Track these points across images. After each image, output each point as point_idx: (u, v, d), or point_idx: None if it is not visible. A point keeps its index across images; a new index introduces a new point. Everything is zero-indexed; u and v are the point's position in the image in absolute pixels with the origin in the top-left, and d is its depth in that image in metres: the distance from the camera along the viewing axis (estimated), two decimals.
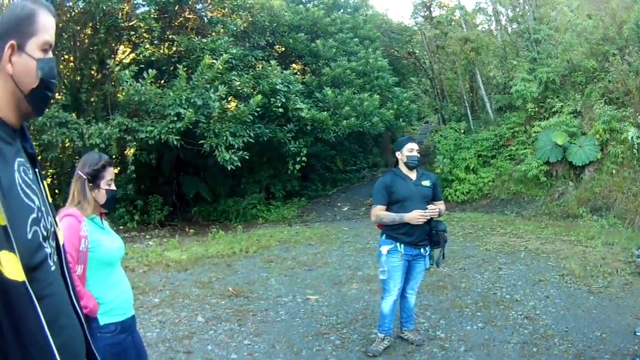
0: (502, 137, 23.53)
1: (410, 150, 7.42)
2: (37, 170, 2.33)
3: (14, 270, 1.91)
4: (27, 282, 1.96)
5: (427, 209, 7.23)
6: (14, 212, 1.99)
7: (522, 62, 25.71)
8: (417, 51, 38.67)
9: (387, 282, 7.41)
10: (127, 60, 21.84)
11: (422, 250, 7.40)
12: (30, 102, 2.23)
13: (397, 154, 7.61)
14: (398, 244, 7.29)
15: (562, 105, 20.91)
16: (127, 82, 17.19)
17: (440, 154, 23.84)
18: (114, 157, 18.90)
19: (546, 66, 22.40)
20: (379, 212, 7.35)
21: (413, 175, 7.52)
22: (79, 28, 20.30)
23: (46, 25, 2.24)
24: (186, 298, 10.32)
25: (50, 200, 2.41)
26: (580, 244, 13.69)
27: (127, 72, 17.38)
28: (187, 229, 20.57)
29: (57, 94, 19.16)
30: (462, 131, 25.82)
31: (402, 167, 7.55)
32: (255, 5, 22.70)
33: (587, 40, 20.95)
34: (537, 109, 22.11)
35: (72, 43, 20.36)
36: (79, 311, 2.44)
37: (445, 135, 25.51)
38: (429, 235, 7.39)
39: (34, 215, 2.12)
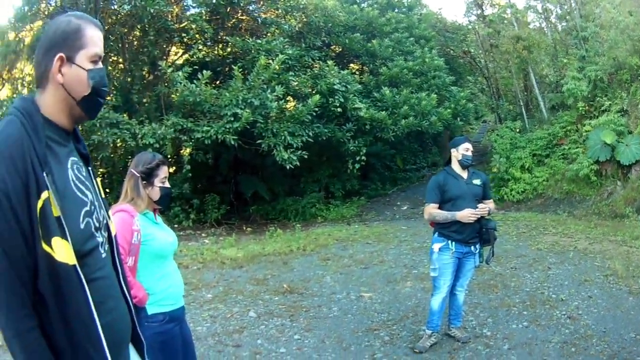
0: (556, 136, 23.32)
1: (465, 149, 7.48)
2: (90, 168, 2.64)
3: (66, 254, 2.22)
4: (77, 266, 2.26)
5: (477, 207, 7.26)
6: (67, 205, 2.31)
7: (571, 60, 25.45)
8: (472, 50, 38.47)
9: (437, 279, 7.46)
10: (179, 62, 22.10)
11: (472, 248, 7.44)
12: (82, 107, 2.50)
13: (453, 151, 7.63)
14: (449, 241, 7.33)
15: (610, 104, 20.63)
16: (180, 83, 17.46)
17: (497, 153, 23.69)
18: (169, 156, 19.14)
19: (594, 64, 22.06)
20: (432, 210, 7.41)
21: (465, 174, 7.56)
22: (126, 30, 20.59)
23: (94, 38, 2.50)
24: (239, 294, 10.42)
25: (103, 195, 2.73)
26: (625, 244, 13.57)
27: (180, 73, 17.64)
28: (244, 228, 20.75)
29: (107, 96, 19.65)
30: (518, 130, 25.65)
31: (455, 166, 7.60)
32: (309, 6, 22.87)
33: (630, 38, 20.57)
34: (587, 107, 21.82)
35: (120, 45, 20.77)
36: (128, 297, 2.71)
37: (502, 134, 25.39)
38: (479, 233, 7.42)
39: (87, 208, 2.43)
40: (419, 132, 24.58)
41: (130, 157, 20.05)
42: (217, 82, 21.19)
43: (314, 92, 20.37)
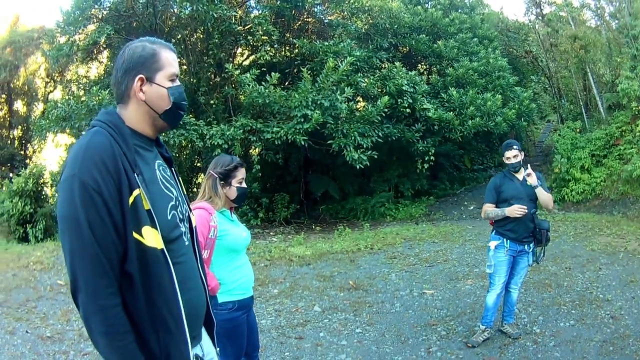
0: (613, 136, 22.92)
1: (507, 158, 7.74)
2: (173, 169, 3.10)
3: (155, 240, 2.63)
4: (165, 250, 2.67)
5: (533, 207, 7.57)
6: (156, 200, 2.74)
7: (624, 59, 25.18)
8: (534, 49, 38.11)
9: (492, 276, 7.75)
10: (246, 64, 22.46)
11: (526, 247, 7.68)
12: (164, 119, 2.93)
13: (503, 158, 7.92)
14: (505, 239, 7.62)
15: None
16: (249, 85, 17.82)
17: (558, 153, 23.43)
18: (238, 156, 19.57)
19: None
20: (487, 208, 7.79)
21: (520, 175, 7.79)
22: (187, 33, 21.01)
23: (169, 60, 2.92)
24: (305, 290, 10.81)
25: (185, 192, 3.17)
26: None
27: (248, 75, 18.03)
28: (313, 227, 21.16)
29: None
30: (578, 130, 25.27)
31: None
32: (374, 8, 23.07)
33: None
34: None
35: (182, 47, 21.23)
36: (204, 280, 3.11)
37: (563, 134, 25.03)
38: (533, 233, 7.67)
39: (173, 202, 2.89)
40: (485, 132, 24.47)
41: (197, 157, 20.60)
42: (286, 84, 21.54)
43: (382, 93, 20.60)
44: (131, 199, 2.58)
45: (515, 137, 31.04)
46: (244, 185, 5.12)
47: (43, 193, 23.42)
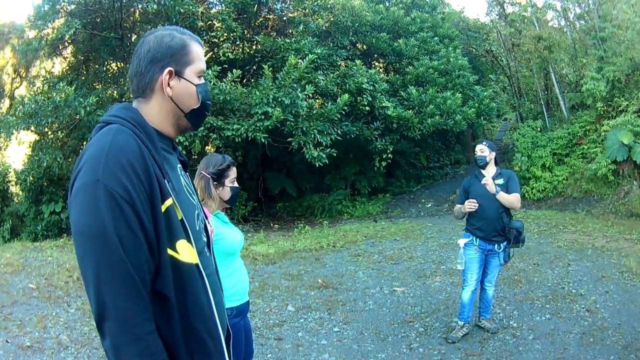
0: (575, 135, 23.34)
1: (480, 150, 7.95)
2: (187, 173, 2.80)
3: (190, 255, 2.39)
4: (200, 264, 2.44)
5: (502, 206, 7.71)
6: (185, 208, 2.47)
7: (590, 60, 25.49)
8: (494, 49, 38.44)
9: (465, 273, 7.92)
10: (207, 60, 22.32)
11: (495, 246, 7.80)
12: (189, 119, 2.64)
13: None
14: (474, 237, 7.81)
15: (627, 104, 20.69)
16: (210, 81, 17.66)
17: (519, 152, 23.72)
18: (195, 154, 19.42)
19: (612, 64, 22.06)
20: (455, 208, 8.23)
21: (489, 174, 7.93)
22: (150, 28, 20.85)
23: (199, 54, 2.64)
24: (276, 289, 10.76)
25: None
26: None
27: (210, 72, 17.84)
28: (271, 224, 21.15)
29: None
30: (539, 129, 25.60)
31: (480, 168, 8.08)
32: (336, 5, 23.05)
33: None
34: (605, 107, 21.89)
35: None
36: (222, 290, 2.91)
37: (523, 133, 25.31)
38: (504, 232, 7.77)
39: (197, 211, 2.66)
40: (442, 130, 24.53)
41: None
42: (245, 81, 21.43)
43: (342, 91, 20.60)
44: (164, 209, 2.31)
45: (473, 135, 31.27)
46: (236, 184, 4.98)
47: (9, 192, 23.10)
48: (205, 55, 22.71)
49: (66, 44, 21.90)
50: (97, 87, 20.61)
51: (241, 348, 4.86)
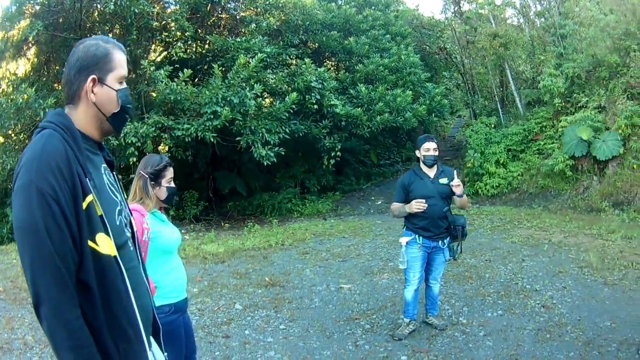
0: (531, 131, 23.58)
1: (426, 149, 7.67)
2: (114, 173, 3.03)
3: (109, 247, 2.60)
4: (118, 256, 2.65)
5: (446, 205, 7.63)
6: (106, 205, 2.70)
7: (549, 57, 25.75)
8: (448, 46, 38.62)
9: (407, 272, 7.83)
10: (159, 60, 22.24)
11: (440, 243, 7.72)
12: (111, 122, 2.88)
13: (417, 152, 7.92)
14: (417, 236, 7.67)
15: (587, 101, 20.94)
16: (162, 81, 17.64)
17: (472, 148, 23.89)
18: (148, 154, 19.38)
19: (572, 61, 22.33)
20: (393, 207, 7.93)
21: (432, 172, 7.78)
22: (107, 28, 20.74)
23: (121, 61, 2.86)
24: (224, 288, 10.80)
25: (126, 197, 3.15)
26: (601, 237, 13.92)
27: (161, 71, 17.81)
28: (222, 223, 21.12)
29: None
30: (493, 126, 25.81)
31: (422, 165, 7.83)
32: (288, 4, 23.05)
33: (610, 36, 20.85)
34: (563, 103, 22.10)
35: None
36: (148, 285, 3.09)
37: (476, 129, 25.55)
38: (448, 229, 7.71)
39: (119, 207, 2.88)
40: (393, 127, 24.63)
41: (112, 154, 20.28)
42: (197, 80, 21.35)
43: (291, 89, 20.62)
44: (85, 205, 2.53)
45: (425, 132, 31.47)
46: (172, 184, 5.10)
47: None
48: (160, 55, 22.78)
49: (30, 45, 21.72)
50: (57, 88, 20.46)
51: (181, 344, 4.99)
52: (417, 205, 7.34)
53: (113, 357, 2.59)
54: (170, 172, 5.06)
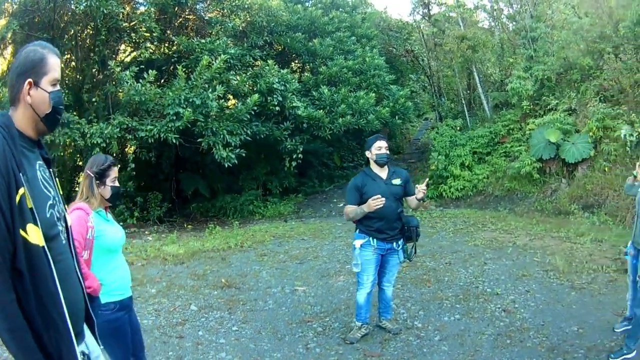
0: (498, 134, 23.76)
1: (378, 148, 7.63)
2: (51, 170, 3.19)
3: (37, 238, 2.77)
4: (46, 247, 2.80)
5: (399, 206, 7.64)
6: (37, 198, 2.86)
7: (518, 59, 25.95)
8: (416, 49, 38.75)
9: (360, 275, 7.75)
10: (127, 61, 22.18)
11: (394, 244, 7.68)
12: (45, 122, 3.06)
13: (367, 153, 7.86)
14: (371, 238, 7.59)
15: (557, 103, 21.13)
16: (127, 82, 17.64)
17: (436, 150, 24.03)
18: (114, 155, 19.33)
19: (542, 64, 22.59)
20: (348, 209, 7.74)
21: (384, 173, 7.74)
22: (79, 28, 20.69)
23: (54, 65, 3.04)
24: (181, 289, 10.87)
25: (61, 192, 3.28)
26: (569, 240, 13.91)
27: (127, 72, 17.82)
28: (185, 225, 21.16)
29: None
30: (458, 128, 26.01)
31: (373, 166, 7.79)
32: (254, 6, 23.03)
33: (583, 38, 21.03)
34: (532, 106, 22.34)
35: (73, 43, 20.75)
36: (81, 279, 3.24)
37: (441, 132, 25.71)
38: (402, 230, 7.71)
39: (51, 201, 3.00)
40: (357, 130, 24.69)
41: (79, 156, 20.27)
42: (162, 81, 21.38)
43: (253, 91, 20.65)
44: (17, 198, 2.72)
45: (389, 134, 31.55)
46: (117, 184, 5.22)
47: None
48: (128, 56, 22.71)
49: (7, 44, 21.63)
50: None
51: (127, 341, 5.13)
52: (375, 203, 7.20)
53: (45, 343, 2.76)
54: (114, 172, 5.17)
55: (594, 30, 20.91)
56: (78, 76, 21.31)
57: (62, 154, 19.37)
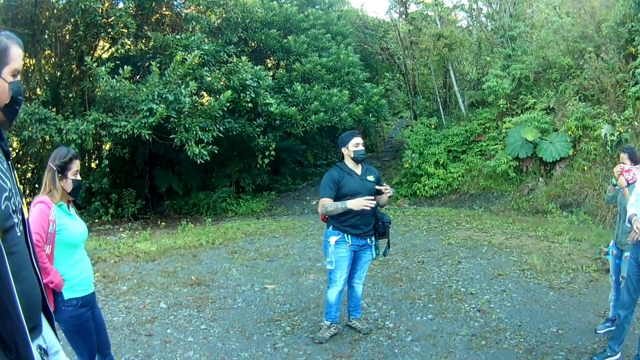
0: (473, 132, 23.93)
1: (355, 145, 7.54)
2: (9, 162, 3.04)
3: None
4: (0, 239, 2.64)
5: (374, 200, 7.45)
6: None
7: (496, 58, 26.08)
8: (391, 47, 38.79)
9: (334, 272, 7.61)
10: (105, 57, 22.11)
11: (368, 240, 7.62)
12: (4, 113, 2.94)
13: (343, 149, 7.70)
14: (345, 235, 7.46)
15: (534, 102, 21.33)
16: (103, 78, 17.60)
17: (410, 148, 24.11)
18: (90, 151, 19.27)
19: (520, 63, 22.79)
20: (325, 202, 7.47)
21: (358, 170, 7.64)
22: (59, 24, 20.62)
23: (16, 56, 2.95)
24: (151, 286, 10.84)
25: (20, 185, 3.15)
26: (547, 239, 13.98)
27: (103, 68, 17.76)
28: (159, 222, 21.16)
29: (38, 90, 19.67)
30: (433, 126, 26.06)
31: (349, 162, 7.67)
32: (230, 2, 23.04)
33: (564, 38, 21.19)
34: (509, 105, 22.53)
35: (53, 39, 20.68)
36: (38, 271, 3.14)
37: (416, 130, 25.78)
38: (375, 227, 7.67)
39: (7, 194, 2.83)
40: (330, 127, 24.94)
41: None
42: (137, 77, 21.32)
43: (226, 87, 20.72)
44: None
45: (363, 132, 31.59)
46: (78, 177, 5.18)
47: None
48: (106, 52, 22.61)
49: None
50: None
51: (91, 338, 5.13)
52: (366, 203, 7.11)
53: (2, 333, 2.71)
54: (76, 165, 5.14)
55: (575, 29, 21.09)
56: (57, 72, 21.22)
57: (39, 150, 19.28)
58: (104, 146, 21.18)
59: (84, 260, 5.22)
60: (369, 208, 7.19)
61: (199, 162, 19.10)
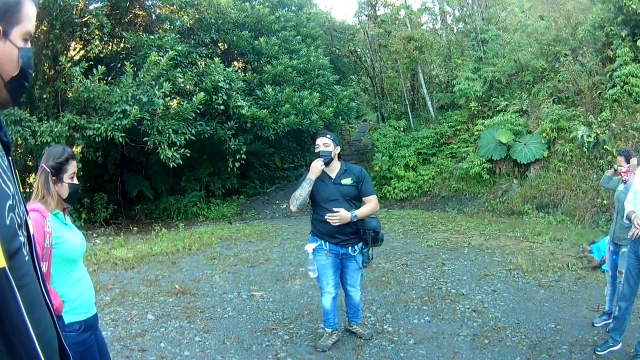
0: (444, 135, 24.06)
1: (316, 146, 7.31)
2: (10, 159, 2.17)
3: None
4: (7, 269, 1.86)
5: (353, 206, 7.17)
6: None
7: (466, 61, 26.14)
8: (359, 49, 38.87)
9: (319, 279, 7.42)
10: (78, 57, 21.82)
11: (350, 249, 7.29)
12: (10, 89, 2.11)
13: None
14: (323, 242, 7.25)
15: (507, 104, 21.47)
16: (77, 78, 17.29)
17: (379, 151, 24.17)
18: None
19: (492, 65, 22.92)
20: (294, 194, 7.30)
21: (333, 172, 7.32)
22: (37, 23, 20.23)
23: (29, 14, 2.12)
24: (135, 296, 10.53)
25: (21, 189, 2.23)
26: (527, 239, 14.15)
27: (77, 68, 17.45)
28: (131, 227, 20.88)
29: None
30: (402, 129, 26.17)
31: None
32: (203, 2, 22.97)
33: (538, 41, 21.46)
34: (480, 107, 22.67)
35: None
36: (50, 304, 2.24)
37: (385, 133, 25.85)
38: (357, 234, 7.24)
39: (10, 202, 1.99)
40: (298, 130, 24.98)
41: (30, 155, 19.79)
42: (110, 78, 21.05)
43: (198, 89, 20.58)
44: None
45: None
46: (75, 180, 4.49)
47: None
48: (79, 52, 22.28)
49: None
50: None
51: None
52: (333, 219, 6.97)
53: None
54: (73, 166, 4.44)
55: (549, 33, 21.22)
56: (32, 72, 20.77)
57: (13, 153, 18.84)
58: (75, 149, 20.79)
59: (84, 278, 4.56)
60: (337, 223, 7.02)
61: (171, 165, 18.84)
